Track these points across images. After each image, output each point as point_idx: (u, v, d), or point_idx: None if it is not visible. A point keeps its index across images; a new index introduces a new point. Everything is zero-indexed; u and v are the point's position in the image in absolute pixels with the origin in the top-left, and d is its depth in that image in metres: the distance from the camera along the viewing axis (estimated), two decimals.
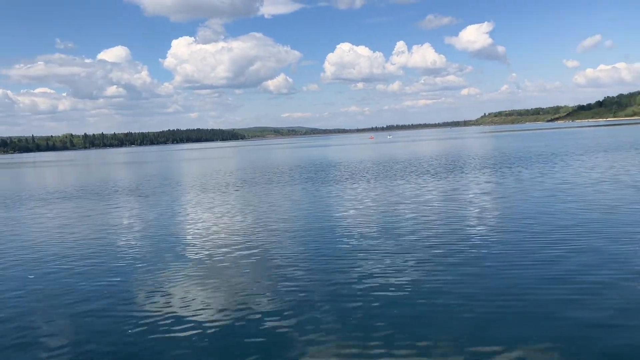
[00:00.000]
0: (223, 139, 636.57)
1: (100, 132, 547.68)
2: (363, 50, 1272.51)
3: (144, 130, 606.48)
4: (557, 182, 28.09)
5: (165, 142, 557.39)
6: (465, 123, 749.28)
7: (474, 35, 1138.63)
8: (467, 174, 35.74)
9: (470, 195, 25.31)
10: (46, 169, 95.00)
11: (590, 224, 16.77)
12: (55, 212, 27.90)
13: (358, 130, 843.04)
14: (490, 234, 16.29)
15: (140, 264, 14.75)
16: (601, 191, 23.74)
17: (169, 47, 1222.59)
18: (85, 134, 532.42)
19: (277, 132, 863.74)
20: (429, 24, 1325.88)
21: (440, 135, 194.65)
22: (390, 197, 26.42)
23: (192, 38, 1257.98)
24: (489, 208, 21.56)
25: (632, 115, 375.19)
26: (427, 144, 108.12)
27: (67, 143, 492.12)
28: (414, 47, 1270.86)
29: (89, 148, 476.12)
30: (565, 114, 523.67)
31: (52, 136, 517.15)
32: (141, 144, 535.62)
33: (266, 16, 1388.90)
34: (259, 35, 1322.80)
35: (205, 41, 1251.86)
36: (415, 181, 32.83)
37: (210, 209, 25.58)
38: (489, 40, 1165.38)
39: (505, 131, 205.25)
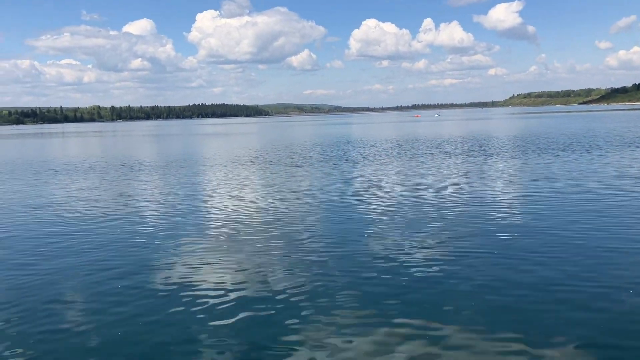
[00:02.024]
0: (247, 115, 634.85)
1: (127, 105, 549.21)
2: (389, 27, 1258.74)
3: (168, 104, 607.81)
4: None
5: (190, 116, 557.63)
6: (493, 104, 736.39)
7: (504, 14, 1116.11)
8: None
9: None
10: (78, 139, 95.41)
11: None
12: (82, 183, 27.84)
13: (382, 109, 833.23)
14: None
15: (161, 238, 14.65)
16: None
17: (194, 20, 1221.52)
18: (112, 106, 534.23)
19: (300, 109, 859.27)
20: (458, 1, 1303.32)
21: (480, 115, 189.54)
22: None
23: (217, 12, 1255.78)
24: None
25: None
26: (482, 124, 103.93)
27: (94, 115, 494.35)
28: (442, 25, 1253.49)
29: (115, 120, 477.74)
30: (597, 96, 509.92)
31: (79, 107, 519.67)
32: (167, 117, 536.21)
33: None
34: (283, 9, 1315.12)
35: (230, 15, 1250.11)
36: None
37: (239, 185, 25.36)
38: (519, 20, 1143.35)
39: (543, 113, 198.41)
